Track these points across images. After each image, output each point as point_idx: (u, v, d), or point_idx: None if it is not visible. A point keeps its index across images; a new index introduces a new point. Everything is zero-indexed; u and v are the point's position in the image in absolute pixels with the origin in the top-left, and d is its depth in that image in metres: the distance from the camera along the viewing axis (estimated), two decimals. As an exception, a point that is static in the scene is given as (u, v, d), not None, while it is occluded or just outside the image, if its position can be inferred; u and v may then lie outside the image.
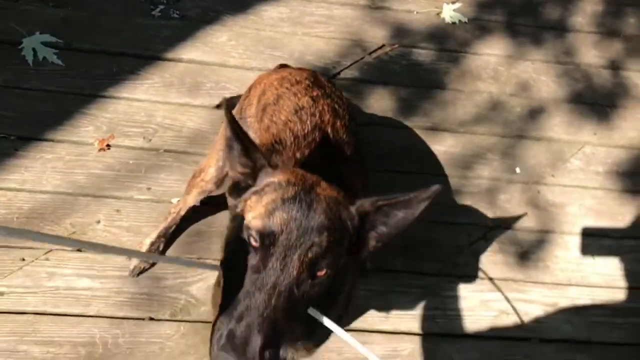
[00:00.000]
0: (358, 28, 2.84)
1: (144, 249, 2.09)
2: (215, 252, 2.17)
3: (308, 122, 1.62)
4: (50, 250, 2.09)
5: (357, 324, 2.12)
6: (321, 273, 1.05)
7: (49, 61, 2.44)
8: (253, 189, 1.14)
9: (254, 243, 1.04)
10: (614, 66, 3.01)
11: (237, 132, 1.10)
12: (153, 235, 2.11)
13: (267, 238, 1.02)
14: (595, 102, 2.88)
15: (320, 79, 1.87)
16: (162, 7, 2.70)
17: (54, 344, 1.95)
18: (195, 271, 2.12)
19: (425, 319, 2.17)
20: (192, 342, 2.00)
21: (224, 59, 2.61)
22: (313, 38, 2.75)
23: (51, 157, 2.26)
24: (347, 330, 1.11)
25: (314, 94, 1.73)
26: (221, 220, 2.23)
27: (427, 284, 2.24)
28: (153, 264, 2.10)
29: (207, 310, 2.06)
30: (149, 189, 2.26)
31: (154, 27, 2.62)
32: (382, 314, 2.16)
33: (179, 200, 2.14)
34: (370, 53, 2.76)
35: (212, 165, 1.90)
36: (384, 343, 2.11)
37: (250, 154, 1.13)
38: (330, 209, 1.06)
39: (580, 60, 2.99)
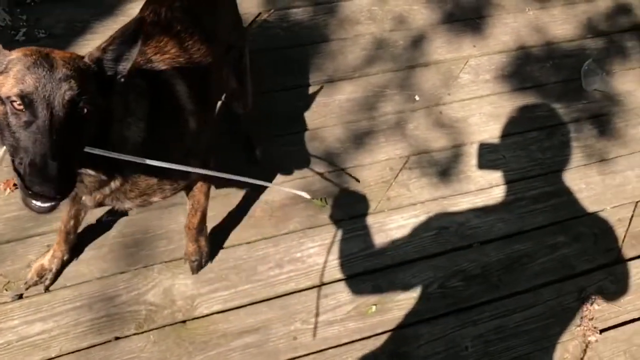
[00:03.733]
0: (230, 3, 2.83)
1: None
2: (159, 256, 2.15)
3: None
4: (-12, 307, 1.99)
5: (316, 279, 2.19)
6: (85, 112, 1.24)
7: None
8: None
9: (17, 106, 1.19)
10: (473, -19, 3.21)
11: None
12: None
13: (27, 97, 1.18)
14: (466, 17, 3.07)
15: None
16: (24, 30, 2.57)
17: (25, 397, 1.87)
18: (146, 279, 2.09)
19: (377, 256, 2.27)
20: (165, 347, 1.99)
21: (107, 67, 2.52)
22: (190, 23, 2.72)
23: (-43, 215, 2.13)
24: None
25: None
26: (156, 225, 2.21)
27: (368, 224, 2.34)
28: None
29: (170, 313, 2.05)
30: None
31: (24, 52, 2.48)
32: (337, 264, 2.24)
33: None
34: (250, 24, 2.77)
35: None
36: (346, 289, 2.19)
37: None
38: (68, 63, 1.25)
39: (442, -18, 3.16)
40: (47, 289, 2.04)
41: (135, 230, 2.19)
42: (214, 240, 2.19)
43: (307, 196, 1.66)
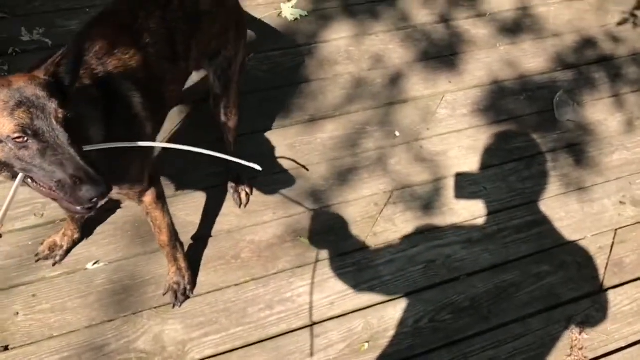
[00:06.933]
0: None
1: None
2: (148, 302, 2.13)
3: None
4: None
5: (307, 319, 2.18)
6: (70, 119, 1.32)
7: None
8: None
9: (21, 140, 1.25)
10: (444, 19, 3.31)
11: None
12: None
13: (28, 128, 1.25)
14: (440, 54, 3.15)
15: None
16: (5, 80, 2.57)
17: None
18: (135, 326, 2.07)
19: (367, 292, 2.28)
20: (158, 396, 1.96)
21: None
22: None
23: (-62, 268, 2.09)
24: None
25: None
26: (144, 271, 2.19)
27: (356, 260, 2.35)
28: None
29: (161, 359, 2.03)
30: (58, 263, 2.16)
31: None
32: (327, 302, 2.24)
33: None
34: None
35: None
36: (337, 327, 2.19)
37: None
38: (36, 83, 1.31)
39: (415, 22, 3.25)
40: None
41: (123, 277, 2.17)
42: (202, 284, 2.19)
43: (259, 168, 1.65)
